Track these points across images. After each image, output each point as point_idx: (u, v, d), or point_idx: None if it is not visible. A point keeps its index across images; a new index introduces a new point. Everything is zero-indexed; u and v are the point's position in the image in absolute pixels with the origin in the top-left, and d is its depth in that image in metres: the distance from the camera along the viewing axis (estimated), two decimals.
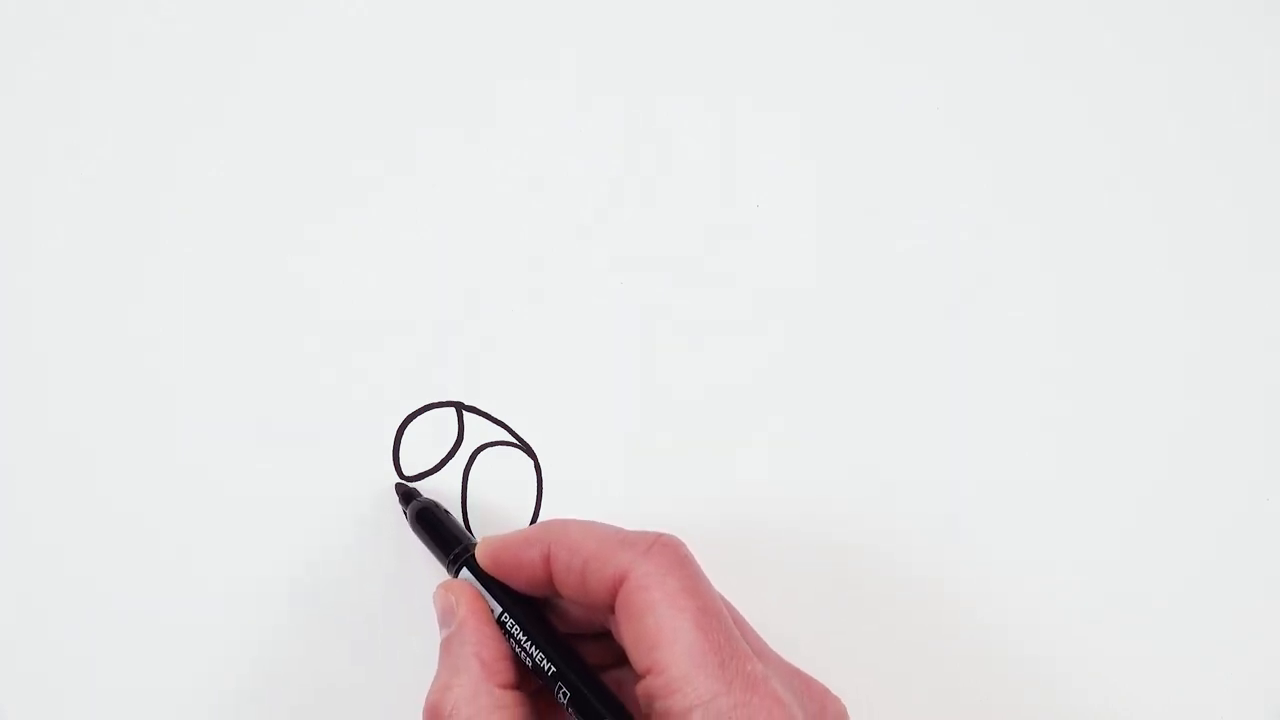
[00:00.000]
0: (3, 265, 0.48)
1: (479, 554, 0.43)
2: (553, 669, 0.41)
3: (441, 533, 0.45)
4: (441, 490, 0.48)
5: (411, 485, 0.47)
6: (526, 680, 0.42)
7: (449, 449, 0.48)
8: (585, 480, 0.48)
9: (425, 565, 0.47)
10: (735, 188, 0.50)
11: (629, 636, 0.39)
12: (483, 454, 0.48)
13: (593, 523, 0.42)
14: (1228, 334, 0.50)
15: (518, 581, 0.42)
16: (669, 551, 0.40)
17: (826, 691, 0.41)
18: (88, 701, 0.46)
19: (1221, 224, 0.51)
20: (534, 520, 0.48)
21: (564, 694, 0.41)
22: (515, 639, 0.42)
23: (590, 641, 0.44)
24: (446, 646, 0.42)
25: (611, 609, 0.40)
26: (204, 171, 0.49)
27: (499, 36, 0.51)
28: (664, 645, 0.38)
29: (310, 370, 0.48)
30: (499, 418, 0.48)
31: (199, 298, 0.49)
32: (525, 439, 0.48)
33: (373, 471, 0.48)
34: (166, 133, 0.49)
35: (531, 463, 0.48)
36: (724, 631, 0.39)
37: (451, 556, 0.44)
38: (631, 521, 0.48)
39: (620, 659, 0.42)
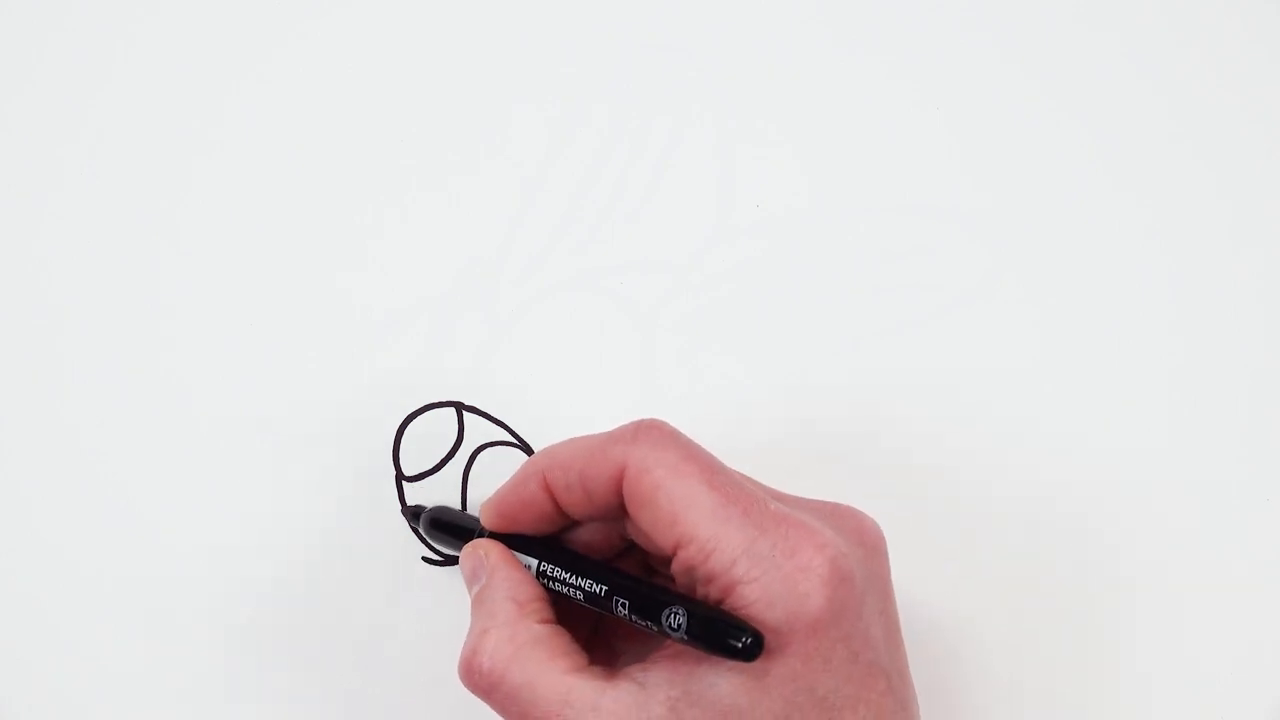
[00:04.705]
0: (7, 265, 0.49)
1: (483, 517, 0.43)
2: (604, 588, 0.40)
3: (457, 527, 0.45)
4: (442, 490, 0.48)
5: (413, 506, 0.47)
6: (565, 617, 0.41)
7: (449, 449, 0.48)
8: None
9: (425, 565, 0.47)
10: (735, 188, 0.50)
11: (647, 523, 0.39)
12: (483, 454, 0.48)
13: (575, 437, 0.41)
14: (1227, 334, 0.50)
15: (527, 523, 0.42)
16: (654, 432, 0.39)
17: (855, 512, 0.41)
18: (89, 701, 0.46)
19: (1223, 224, 0.51)
20: None
21: (622, 605, 0.39)
22: (553, 579, 0.41)
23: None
24: (479, 599, 0.41)
25: (623, 511, 0.40)
26: (206, 175, 0.49)
27: (500, 38, 0.51)
28: (683, 515, 0.38)
29: (310, 370, 0.48)
30: (499, 418, 0.48)
31: (199, 300, 0.49)
32: (525, 439, 0.48)
33: (373, 471, 0.48)
34: (167, 136, 0.50)
35: None
36: (736, 484, 0.38)
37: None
38: None
39: (647, 569, 0.42)
